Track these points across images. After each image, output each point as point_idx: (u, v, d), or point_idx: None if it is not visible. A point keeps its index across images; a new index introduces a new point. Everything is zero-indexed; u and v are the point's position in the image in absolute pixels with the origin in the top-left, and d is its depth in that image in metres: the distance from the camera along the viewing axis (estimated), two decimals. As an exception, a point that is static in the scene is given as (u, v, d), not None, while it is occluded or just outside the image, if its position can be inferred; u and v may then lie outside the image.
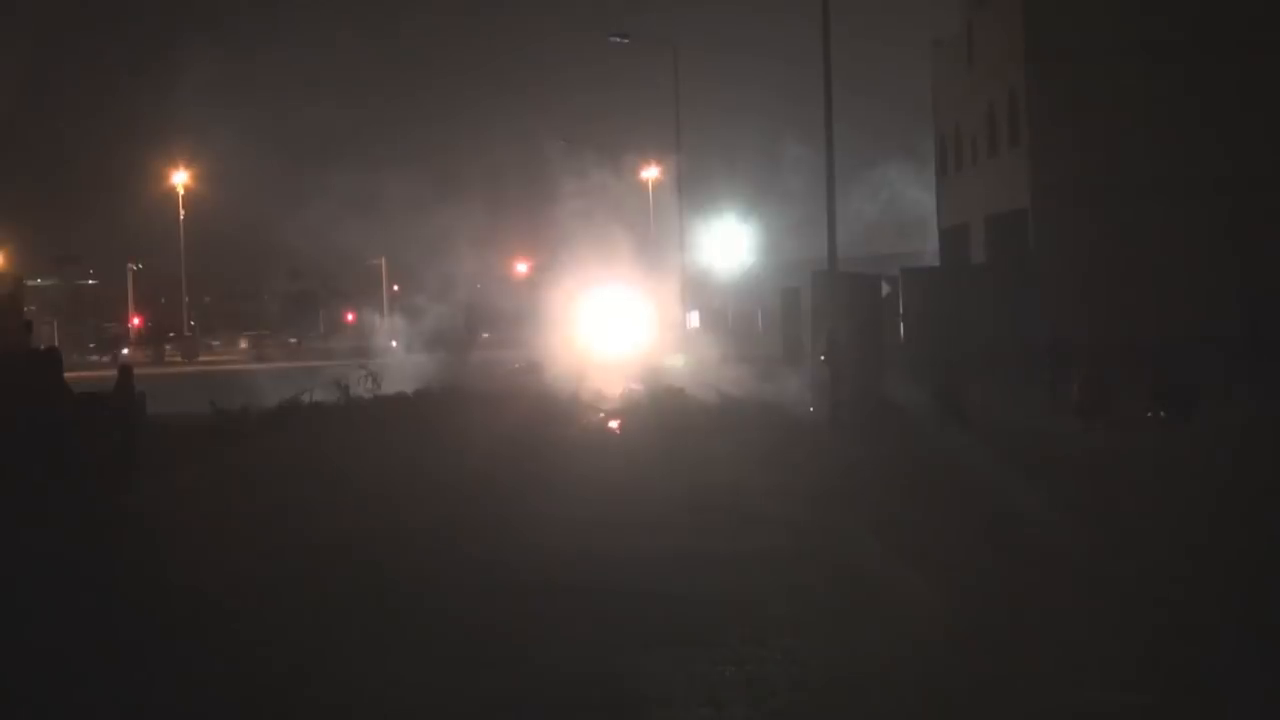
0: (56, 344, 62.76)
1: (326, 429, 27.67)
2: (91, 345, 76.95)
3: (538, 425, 27.59)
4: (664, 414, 29.08)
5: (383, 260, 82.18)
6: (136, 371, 24.39)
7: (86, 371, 59.20)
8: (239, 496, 19.71)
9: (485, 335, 73.51)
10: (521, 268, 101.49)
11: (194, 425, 29.27)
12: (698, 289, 74.79)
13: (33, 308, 37.60)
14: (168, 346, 77.31)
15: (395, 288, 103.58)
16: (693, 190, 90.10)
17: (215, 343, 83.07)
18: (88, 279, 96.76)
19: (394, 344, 67.80)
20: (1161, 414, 26.25)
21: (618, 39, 61.07)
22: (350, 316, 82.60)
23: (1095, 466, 20.96)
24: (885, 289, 44.44)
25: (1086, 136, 42.21)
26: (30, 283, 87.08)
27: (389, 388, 34.74)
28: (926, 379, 30.05)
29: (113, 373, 25.03)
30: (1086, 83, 42.38)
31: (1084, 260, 41.10)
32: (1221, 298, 39.76)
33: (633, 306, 69.37)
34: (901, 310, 44.67)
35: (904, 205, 63.60)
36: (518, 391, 33.62)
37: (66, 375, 23.76)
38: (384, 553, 15.07)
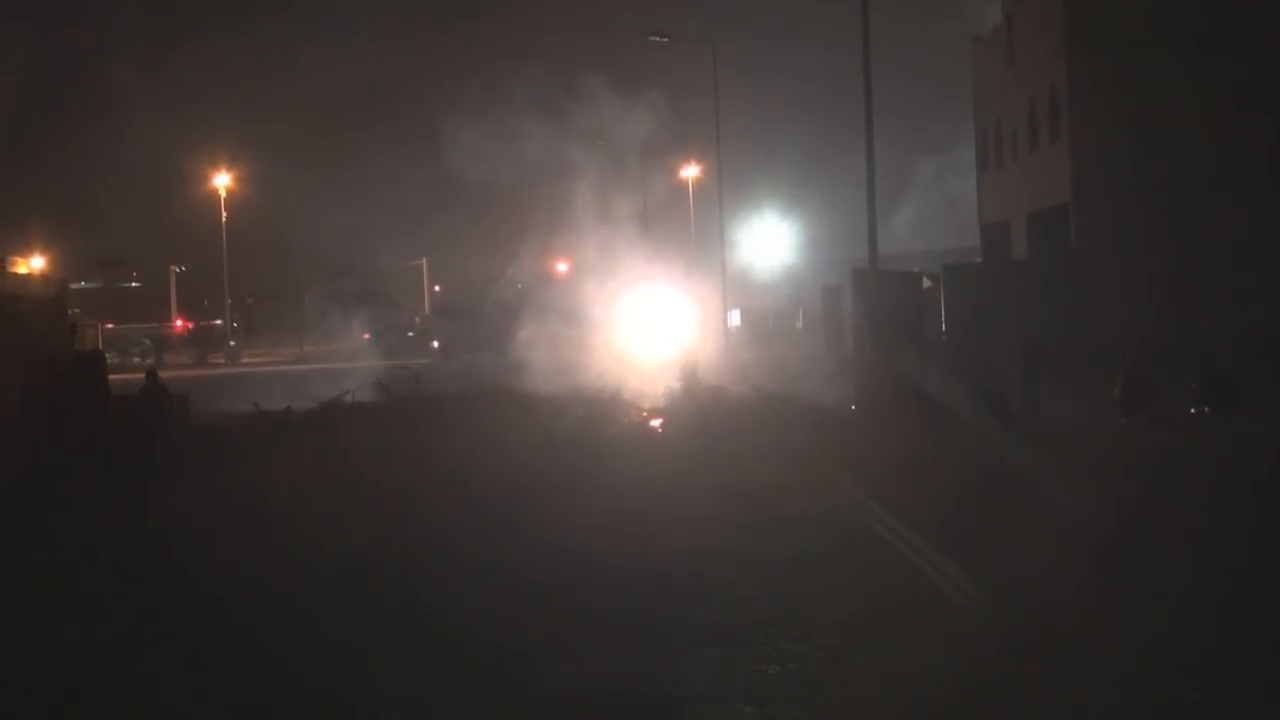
0: (100, 347, 63.18)
1: (369, 428, 27.68)
2: (134, 350, 77.39)
3: (581, 424, 27.56)
4: (705, 413, 29.02)
5: (424, 261, 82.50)
6: (181, 374, 24.48)
7: (128, 374, 59.61)
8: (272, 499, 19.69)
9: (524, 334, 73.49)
10: (562, 267, 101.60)
11: (235, 425, 29.45)
12: (738, 288, 74.73)
13: (76, 310, 37.83)
14: (215, 349, 77.87)
15: (437, 288, 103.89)
16: (734, 189, 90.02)
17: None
18: (131, 282, 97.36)
19: (435, 344, 68.01)
20: (1205, 410, 26.02)
21: (657, 38, 60.95)
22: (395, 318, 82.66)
23: (1138, 464, 20.77)
24: (927, 284, 44.27)
25: (1129, 130, 41.91)
26: (74, 286, 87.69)
27: (432, 388, 34.86)
28: (969, 376, 29.87)
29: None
30: (1128, 76, 42.08)
31: (1127, 255, 40.85)
32: (1270, 293, 39.37)
33: (673, 306, 69.39)
34: (943, 308, 44.42)
35: (964, 200, 63.14)
36: (559, 391, 33.54)
37: (111, 379, 23.95)
38: (404, 558, 15.06)
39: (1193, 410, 26.27)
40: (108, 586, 14.34)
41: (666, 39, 61.27)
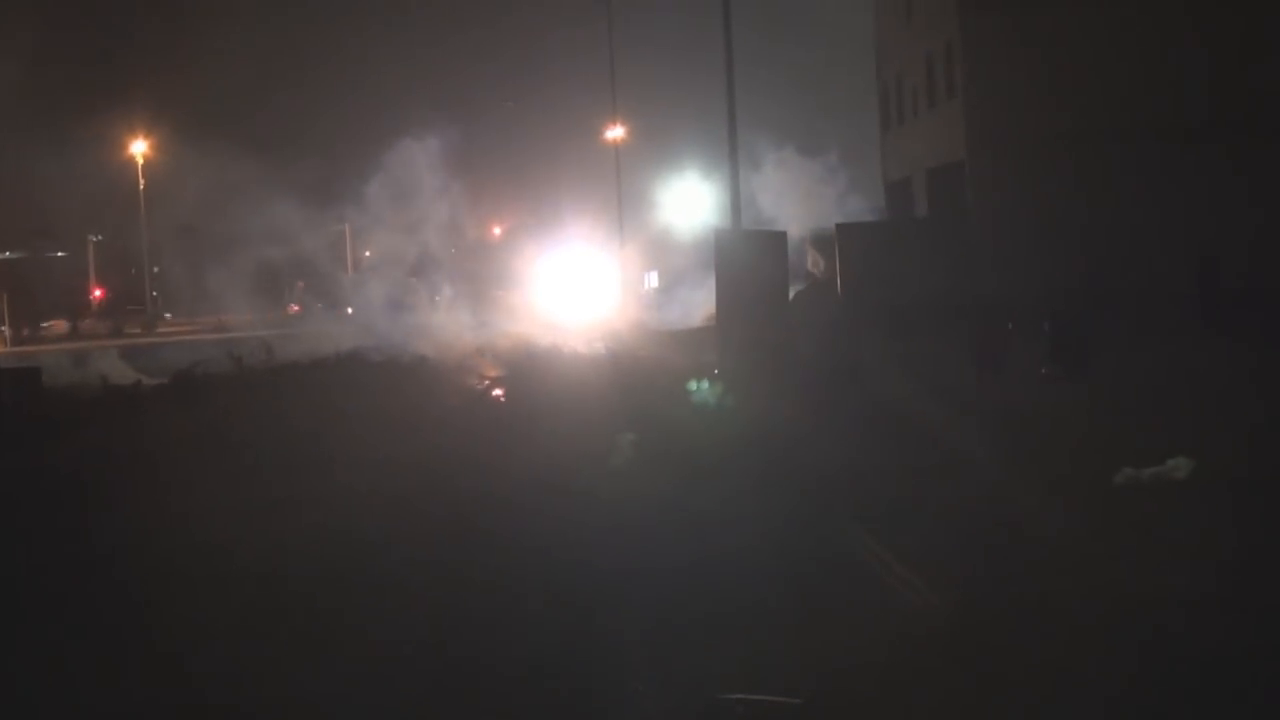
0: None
1: (211, 401, 26.88)
2: (44, 323, 76.32)
3: (423, 397, 26.78)
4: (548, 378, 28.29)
5: (347, 226, 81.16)
6: (95, 343, 23.73)
7: (35, 346, 58.75)
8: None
9: (447, 299, 72.76)
10: (497, 231, 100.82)
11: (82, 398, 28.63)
12: (658, 250, 74.00)
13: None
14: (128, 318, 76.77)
15: (367, 254, 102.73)
16: (661, 149, 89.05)
17: (168, 315, 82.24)
18: (57, 252, 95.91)
19: (349, 310, 67.07)
20: (1056, 369, 25.41)
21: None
22: (299, 284, 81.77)
23: (954, 422, 20.12)
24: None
25: (1024, 84, 41.24)
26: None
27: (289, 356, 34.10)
28: (830, 341, 29.28)
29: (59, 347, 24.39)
30: (1023, 29, 41.35)
31: (1016, 214, 40.17)
32: (1168, 250, 38.64)
33: (591, 269, 68.74)
34: (839, 268, 43.74)
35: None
36: (426, 359, 32.86)
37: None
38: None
39: (1043, 370, 25.65)
40: None
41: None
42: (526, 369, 30.78)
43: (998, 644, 9.73)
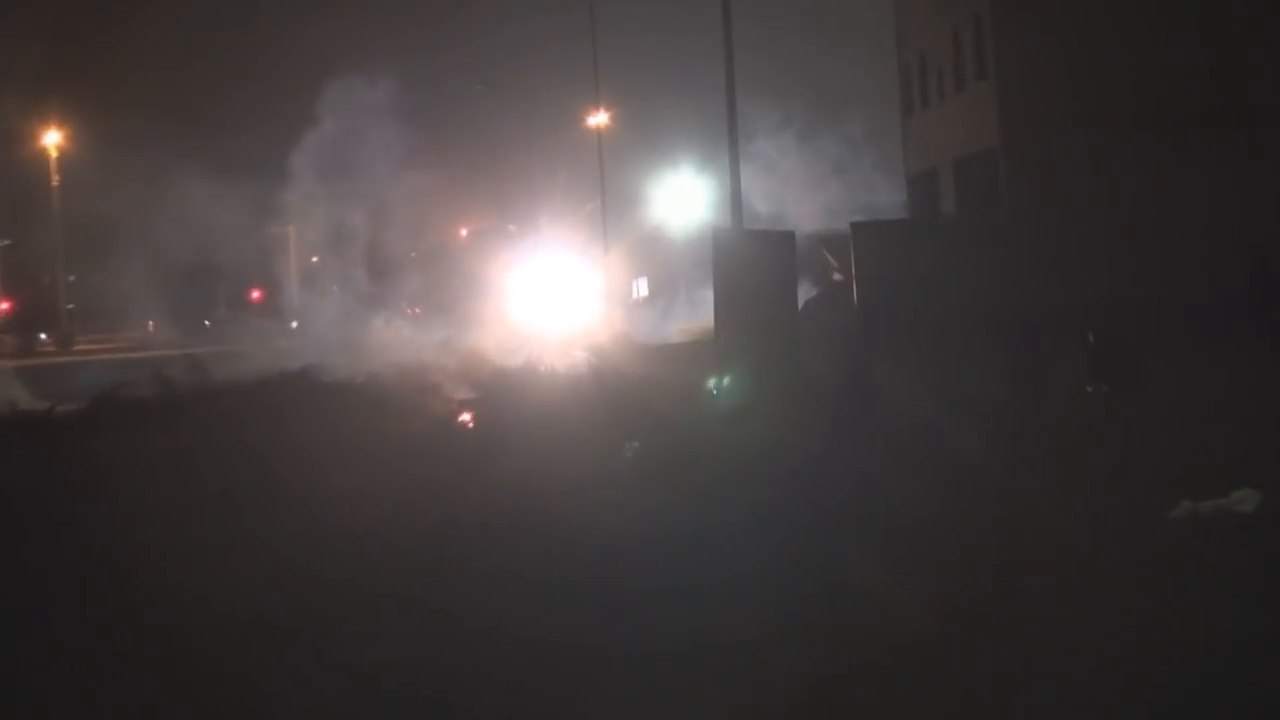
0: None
1: (132, 428, 26.82)
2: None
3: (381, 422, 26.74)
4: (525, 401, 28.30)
5: (290, 229, 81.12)
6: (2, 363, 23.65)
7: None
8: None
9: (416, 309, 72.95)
10: (464, 233, 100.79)
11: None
12: (647, 252, 74.01)
13: None
14: (41, 334, 76.71)
15: (315, 259, 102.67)
16: (652, 139, 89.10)
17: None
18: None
19: (294, 324, 67.08)
20: (1104, 388, 25.35)
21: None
22: (256, 294, 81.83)
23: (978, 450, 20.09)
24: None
25: (1063, 64, 41.35)
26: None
27: (255, 372, 34.08)
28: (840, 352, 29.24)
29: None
30: (1061, 4, 41.49)
31: (1054, 209, 40.22)
32: (1218, 246, 38.75)
33: (572, 274, 68.77)
34: (855, 272, 43.80)
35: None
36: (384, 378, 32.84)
37: None
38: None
39: (1088, 388, 25.60)
40: None
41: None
42: (496, 390, 30.77)
43: (1042, 703, 9.72)
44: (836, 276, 44.48)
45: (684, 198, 73.28)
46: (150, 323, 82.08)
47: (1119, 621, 11.51)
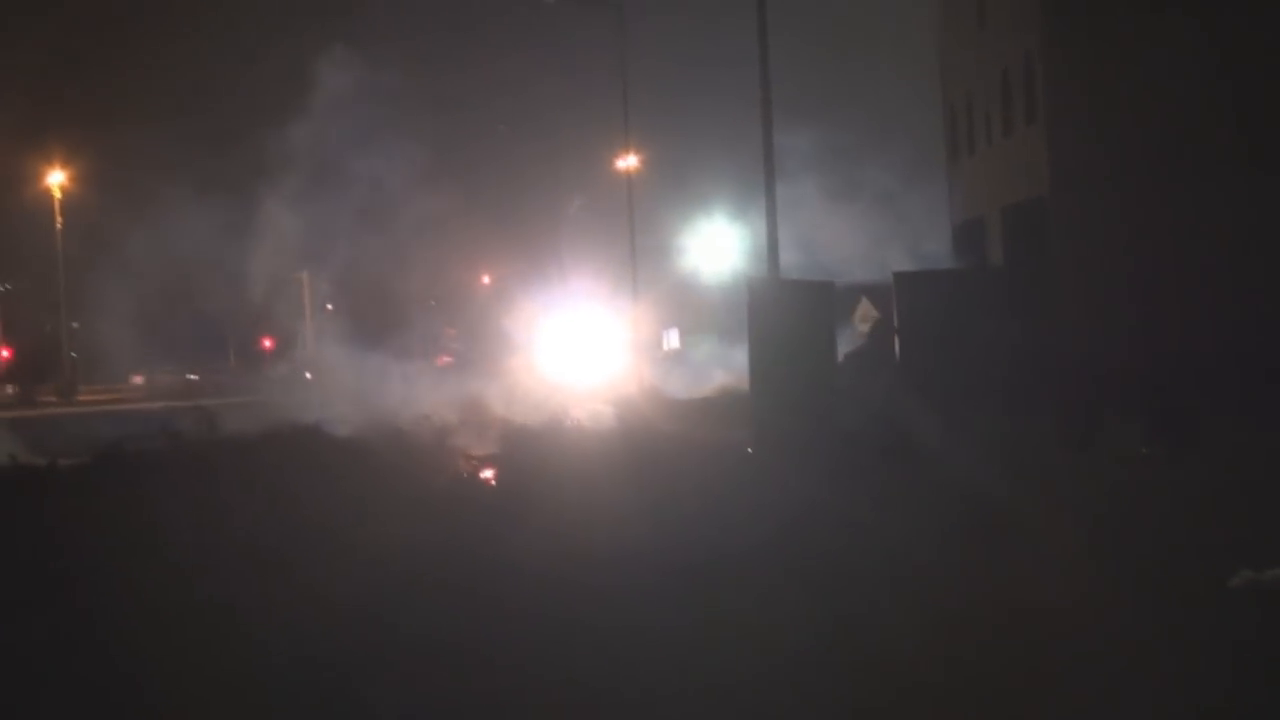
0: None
1: (143, 484, 26.97)
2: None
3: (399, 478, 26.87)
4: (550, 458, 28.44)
5: (304, 276, 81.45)
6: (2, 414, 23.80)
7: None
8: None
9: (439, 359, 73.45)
10: (485, 280, 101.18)
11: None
12: (678, 304, 74.18)
13: None
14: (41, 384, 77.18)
15: (329, 307, 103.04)
16: (684, 187, 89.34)
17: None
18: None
19: (308, 375, 67.33)
20: (1159, 450, 25.44)
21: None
22: (267, 343, 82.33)
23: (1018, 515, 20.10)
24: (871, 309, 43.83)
25: (1119, 107, 41.21)
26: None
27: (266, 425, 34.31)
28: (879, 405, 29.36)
29: None
30: (1120, 38, 41.18)
31: (1108, 261, 40.18)
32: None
33: (599, 324, 68.93)
34: (897, 324, 43.85)
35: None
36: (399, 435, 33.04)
37: None
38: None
39: (1144, 449, 25.68)
40: None
41: None
42: (517, 451, 30.92)
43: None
44: (862, 327, 44.51)
45: (717, 245, 73.56)
46: (139, 377, 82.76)
47: (1175, 690, 11.55)
